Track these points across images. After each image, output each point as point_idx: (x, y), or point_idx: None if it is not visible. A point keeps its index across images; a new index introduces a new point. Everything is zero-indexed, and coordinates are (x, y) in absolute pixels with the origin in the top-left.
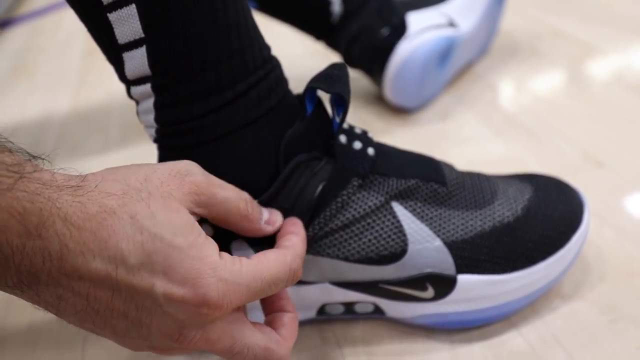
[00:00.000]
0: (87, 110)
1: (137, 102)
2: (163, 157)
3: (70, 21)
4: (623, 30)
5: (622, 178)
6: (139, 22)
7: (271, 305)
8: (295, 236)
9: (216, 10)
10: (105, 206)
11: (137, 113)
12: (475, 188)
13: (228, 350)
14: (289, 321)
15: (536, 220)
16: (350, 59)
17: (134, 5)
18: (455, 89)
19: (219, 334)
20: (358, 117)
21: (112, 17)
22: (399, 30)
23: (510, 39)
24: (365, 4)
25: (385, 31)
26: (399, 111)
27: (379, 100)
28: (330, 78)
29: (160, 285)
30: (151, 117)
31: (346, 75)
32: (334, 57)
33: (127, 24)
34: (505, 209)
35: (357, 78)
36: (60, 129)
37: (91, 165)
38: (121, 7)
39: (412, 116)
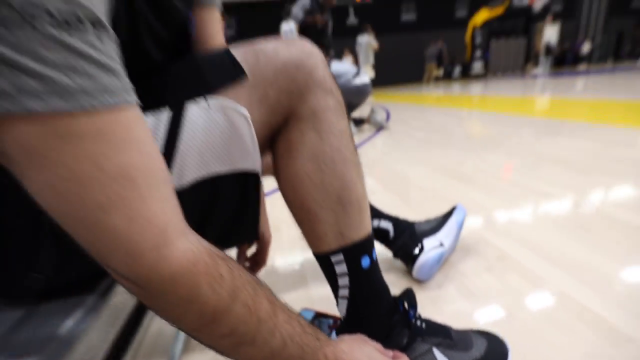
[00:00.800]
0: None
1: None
2: (340, 327)
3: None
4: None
5: (526, 329)
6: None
7: None
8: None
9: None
10: (350, 345)
11: (336, 298)
12: (463, 340)
13: None
14: None
15: (491, 355)
16: (397, 256)
17: (347, 278)
18: (443, 270)
19: None
20: (403, 284)
21: (339, 280)
22: (421, 248)
23: (464, 245)
24: (403, 233)
25: (414, 249)
26: (419, 282)
27: (410, 276)
28: (408, 295)
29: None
30: (344, 310)
31: (413, 293)
32: (389, 252)
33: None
34: (477, 352)
35: (402, 267)
36: None
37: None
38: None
39: (425, 284)
